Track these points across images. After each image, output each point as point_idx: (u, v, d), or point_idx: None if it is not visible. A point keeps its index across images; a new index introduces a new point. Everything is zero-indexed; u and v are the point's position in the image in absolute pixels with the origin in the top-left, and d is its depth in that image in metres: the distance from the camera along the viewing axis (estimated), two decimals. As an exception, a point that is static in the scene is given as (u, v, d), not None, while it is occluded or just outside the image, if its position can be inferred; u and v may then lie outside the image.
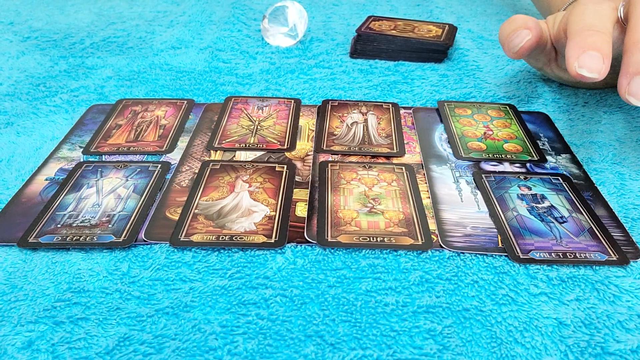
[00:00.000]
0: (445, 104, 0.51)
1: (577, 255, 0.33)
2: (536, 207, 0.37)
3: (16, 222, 0.35)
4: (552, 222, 0.36)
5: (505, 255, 0.33)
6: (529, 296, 0.30)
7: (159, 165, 0.41)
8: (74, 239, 0.34)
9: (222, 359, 0.27)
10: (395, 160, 0.42)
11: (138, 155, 0.43)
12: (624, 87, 0.36)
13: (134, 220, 0.35)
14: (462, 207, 0.37)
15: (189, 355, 0.27)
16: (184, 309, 0.29)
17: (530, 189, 0.39)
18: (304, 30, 0.62)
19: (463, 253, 0.33)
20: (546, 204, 0.37)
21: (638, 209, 0.37)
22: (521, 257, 0.33)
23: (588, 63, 0.36)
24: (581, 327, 0.29)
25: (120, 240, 0.34)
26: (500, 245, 0.34)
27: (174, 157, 0.43)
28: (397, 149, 0.44)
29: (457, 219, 0.36)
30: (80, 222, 0.35)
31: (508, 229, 0.35)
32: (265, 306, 0.30)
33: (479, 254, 0.33)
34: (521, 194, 0.38)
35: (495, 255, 0.33)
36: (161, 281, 0.31)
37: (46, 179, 0.40)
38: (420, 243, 0.33)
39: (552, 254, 0.33)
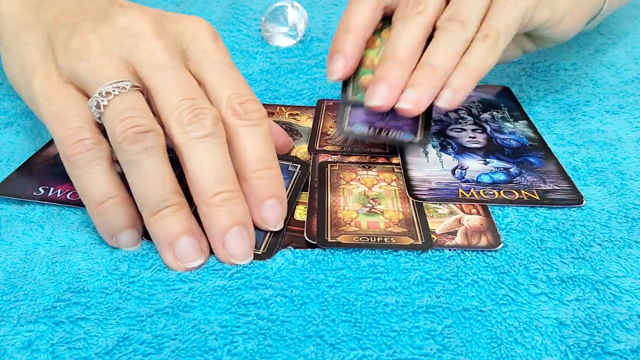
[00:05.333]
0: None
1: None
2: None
3: (29, 180, 0.38)
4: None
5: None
6: (529, 296, 0.30)
7: None
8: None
9: (221, 359, 0.27)
10: (394, 160, 0.42)
11: None
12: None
13: None
14: (429, 167, 0.40)
15: (188, 355, 0.27)
16: (184, 309, 0.29)
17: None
18: (304, 30, 0.62)
19: (463, 252, 0.33)
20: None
21: (638, 209, 0.37)
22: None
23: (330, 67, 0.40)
24: (581, 327, 0.29)
25: None
26: (459, 197, 0.37)
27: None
28: (389, 150, 0.43)
29: (423, 176, 0.39)
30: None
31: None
32: (265, 306, 0.30)
33: (474, 250, 0.33)
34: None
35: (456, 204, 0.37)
36: (161, 281, 0.31)
37: None
38: (420, 243, 0.33)
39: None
